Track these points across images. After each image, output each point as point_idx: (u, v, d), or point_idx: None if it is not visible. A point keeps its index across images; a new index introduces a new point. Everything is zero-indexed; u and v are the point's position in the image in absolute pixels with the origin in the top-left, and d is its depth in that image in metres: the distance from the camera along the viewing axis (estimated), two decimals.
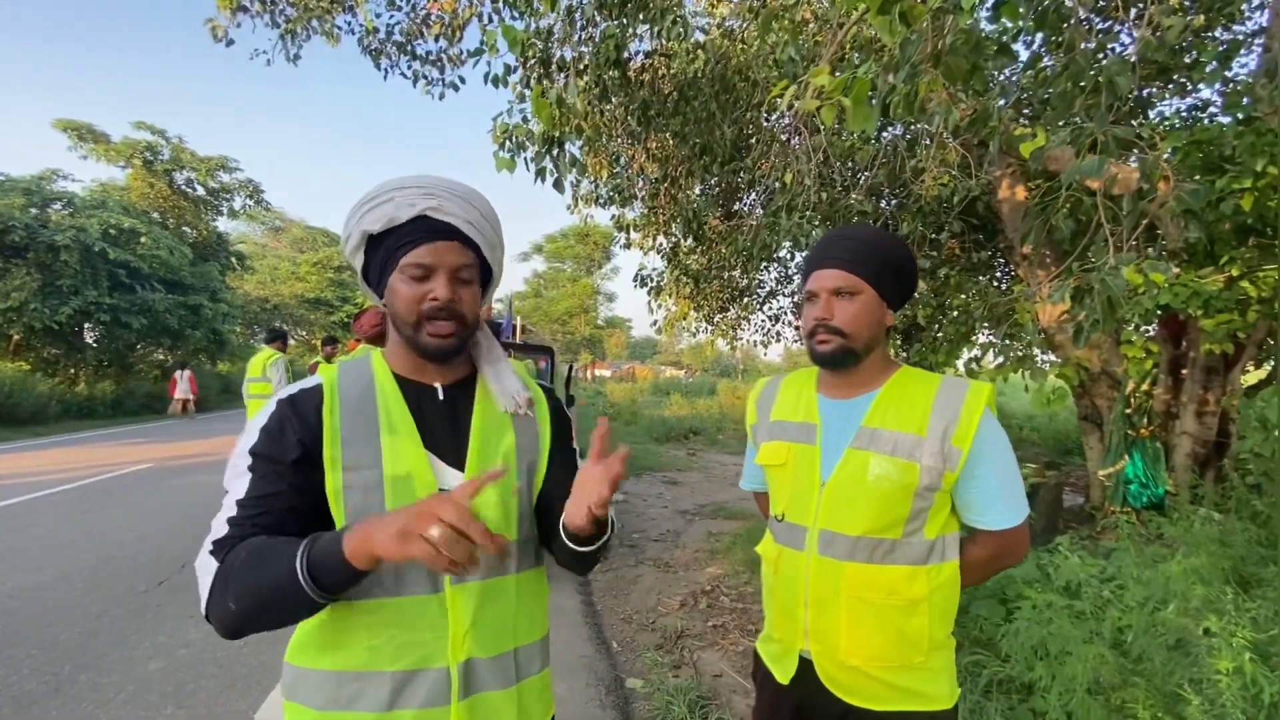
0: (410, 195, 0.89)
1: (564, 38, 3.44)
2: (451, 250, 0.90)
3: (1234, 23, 4.60)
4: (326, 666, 0.87)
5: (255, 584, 0.76)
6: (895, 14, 1.65)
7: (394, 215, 0.88)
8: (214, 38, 4.60)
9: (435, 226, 0.89)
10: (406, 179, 0.92)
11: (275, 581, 0.76)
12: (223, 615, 0.78)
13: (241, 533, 0.81)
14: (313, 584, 0.74)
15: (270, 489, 0.84)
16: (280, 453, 0.85)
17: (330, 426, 0.88)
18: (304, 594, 0.75)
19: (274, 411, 0.89)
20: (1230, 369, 3.78)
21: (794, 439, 1.27)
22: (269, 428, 0.87)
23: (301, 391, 0.92)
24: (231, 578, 0.77)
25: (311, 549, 0.76)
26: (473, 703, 0.90)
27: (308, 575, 0.74)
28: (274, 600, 0.77)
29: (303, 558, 0.75)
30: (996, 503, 1.14)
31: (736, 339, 8.92)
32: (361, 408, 0.91)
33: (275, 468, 0.85)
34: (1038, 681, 1.94)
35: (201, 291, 19.14)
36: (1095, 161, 1.76)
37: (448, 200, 0.90)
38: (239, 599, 0.77)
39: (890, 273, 1.20)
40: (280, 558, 0.76)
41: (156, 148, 19.32)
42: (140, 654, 3.06)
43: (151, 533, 5.12)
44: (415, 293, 0.89)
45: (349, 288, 31.20)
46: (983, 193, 4.49)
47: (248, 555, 0.78)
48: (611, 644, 3.28)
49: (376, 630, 0.87)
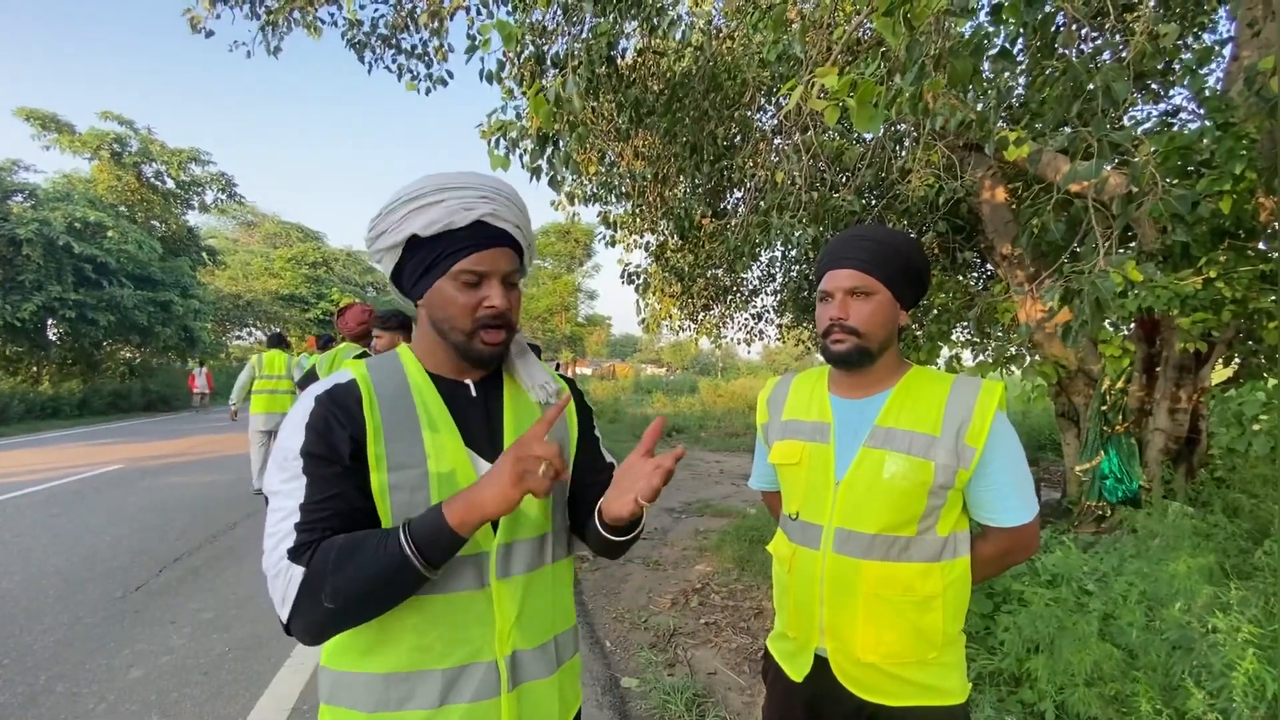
0: (465, 198, 0.87)
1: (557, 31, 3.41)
2: (504, 257, 0.90)
3: (1205, 30, 4.76)
4: (373, 669, 0.86)
5: (356, 576, 0.76)
6: (899, 16, 1.67)
7: (450, 220, 0.86)
8: (192, 28, 4.48)
9: (490, 232, 0.88)
10: (453, 177, 0.89)
11: (380, 567, 0.77)
12: (314, 618, 0.78)
13: (313, 537, 0.79)
14: (423, 560, 0.77)
15: (331, 490, 0.82)
16: (334, 452, 0.83)
17: (373, 423, 0.87)
18: (414, 570, 0.77)
19: (314, 409, 0.85)
20: (1201, 367, 3.90)
21: (808, 438, 1.28)
22: (314, 425, 0.84)
23: (337, 386, 0.88)
24: (326, 577, 0.76)
25: (411, 529, 0.78)
26: (520, 693, 0.91)
27: (416, 553, 0.76)
28: (378, 588, 0.78)
29: (406, 538, 0.77)
30: (1009, 500, 1.16)
31: (720, 337, 8.96)
32: (399, 404, 0.90)
33: (331, 469, 0.83)
34: (1031, 673, 1.98)
35: (172, 287, 18.64)
36: (1092, 165, 1.80)
37: (502, 205, 0.89)
38: (337, 596, 0.76)
39: (904, 273, 1.21)
40: (378, 546, 0.77)
41: (124, 139, 18.71)
42: (120, 662, 2.97)
43: (126, 535, 4.97)
44: (470, 300, 0.89)
45: (324, 284, 30.65)
46: (966, 194, 4.57)
47: (338, 554, 0.77)
48: (605, 643, 3.28)
49: (424, 629, 0.86)
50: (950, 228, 5.35)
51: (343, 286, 31.21)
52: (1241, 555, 2.40)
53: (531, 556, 0.94)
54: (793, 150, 4.12)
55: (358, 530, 0.82)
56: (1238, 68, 3.26)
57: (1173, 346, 3.78)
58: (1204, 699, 1.42)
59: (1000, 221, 4.53)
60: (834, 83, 1.54)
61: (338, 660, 0.89)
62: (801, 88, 1.64)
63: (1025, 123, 3.89)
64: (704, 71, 4.42)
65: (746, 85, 4.62)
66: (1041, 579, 2.48)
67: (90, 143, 18.13)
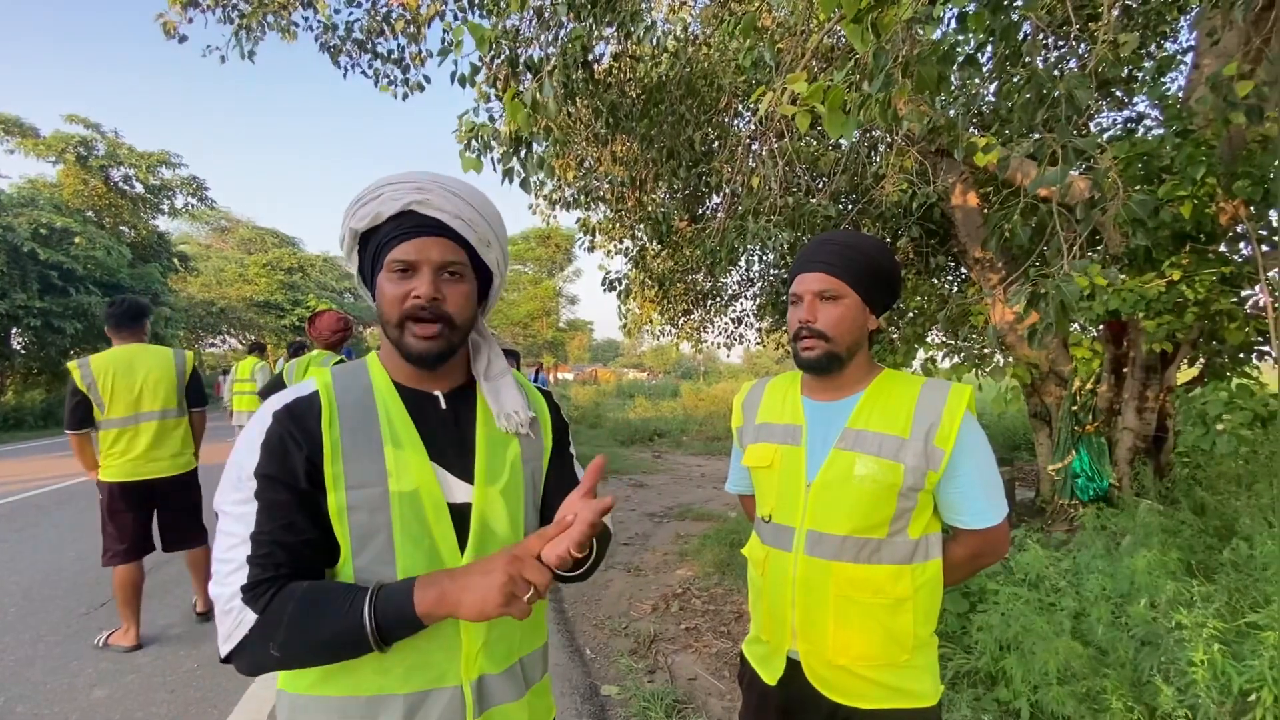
0: (399, 190, 0.85)
1: (532, 37, 3.41)
2: (437, 245, 0.86)
3: (1166, 40, 4.90)
4: (332, 693, 0.83)
5: (311, 635, 0.75)
6: (867, 23, 1.69)
7: (379, 211, 0.85)
8: (165, 33, 4.38)
9: (421, 221, 0.85)
10: (400, 175, 0.87)
11: (336, 633, 0.75)
12: (257, 661, 0.76)
13: (266, 574, 0.77)
14: (380, 640, 0.75)
15: (284, 520, 0.79)
16: (290, 476, 0.80)
17: (330, 440, 0.83)
18: (367, 647, 0.75)
19: (271, 426, 0.83)
20: (1167, 367, 4.00)
21: (780, 441, 1.28)
22: (269, 444, 0.81)
23: (297, 400, 0.86)
24: (279, 628, 0.75)
25: (378, 603, 0.76)
26: (487, 718, 0.88)
27: (376, 632, 0.75)
28: (329, 650, 0.77)
29: (370, 613, 0.75)
30: (977, 502, 1.17)
31: (701, 341, 9.00)
32: (361, 418, 0.86)
33: (285, 495, 0.80)
34: (1005, 672, 2.00)
35: (141, 294, 18.22)
36: (1057, 171, 1.84)
37: (436, 194, 0.85)
38: (287, 647, 0.75)
39: (873, 278, 1.22)
40: (339, 610, 0.75)
41: (90, 142, 18.25)
42: (83, 681, 2.88)
43: (91, 551, 4.82)
44: (399, 291, 0.85)
45: (300, 290, 30.18)
46: (939, 199, 4.65)
47: (297, 607, 0.76)
48: (585, 651, 3.25)
49: (386, 653, 0.83)
50: (924, 232, 5.44)
51: (319, 292, 30.76)
52: (1208, 551, 2.46)
53: None
54: (769, 156, 4.15)
55: (309, 563, 0.80)
56: (1199, 76, 3.36)
57: (1139, 348, 3.87)
58: (1173, 695, 1.45)
59: (972, 226, 4.60)
60: (804, 89, 1.56)
61: (295, 683, 0.86)
62: (772, 94, 1.65)
63: (995, 129, 3.97)
64: (680, 77, 4.44)
65: (723, 91, 4.65)
66: (1015, 578, 2.52)
67: (55, 146, 17.66)
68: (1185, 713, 1.45)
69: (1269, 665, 1.38)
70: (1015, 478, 6.70)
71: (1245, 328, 3.32)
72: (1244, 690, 1.40)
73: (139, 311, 3.27)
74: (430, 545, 0.85)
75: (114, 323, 3.23)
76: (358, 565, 0.83)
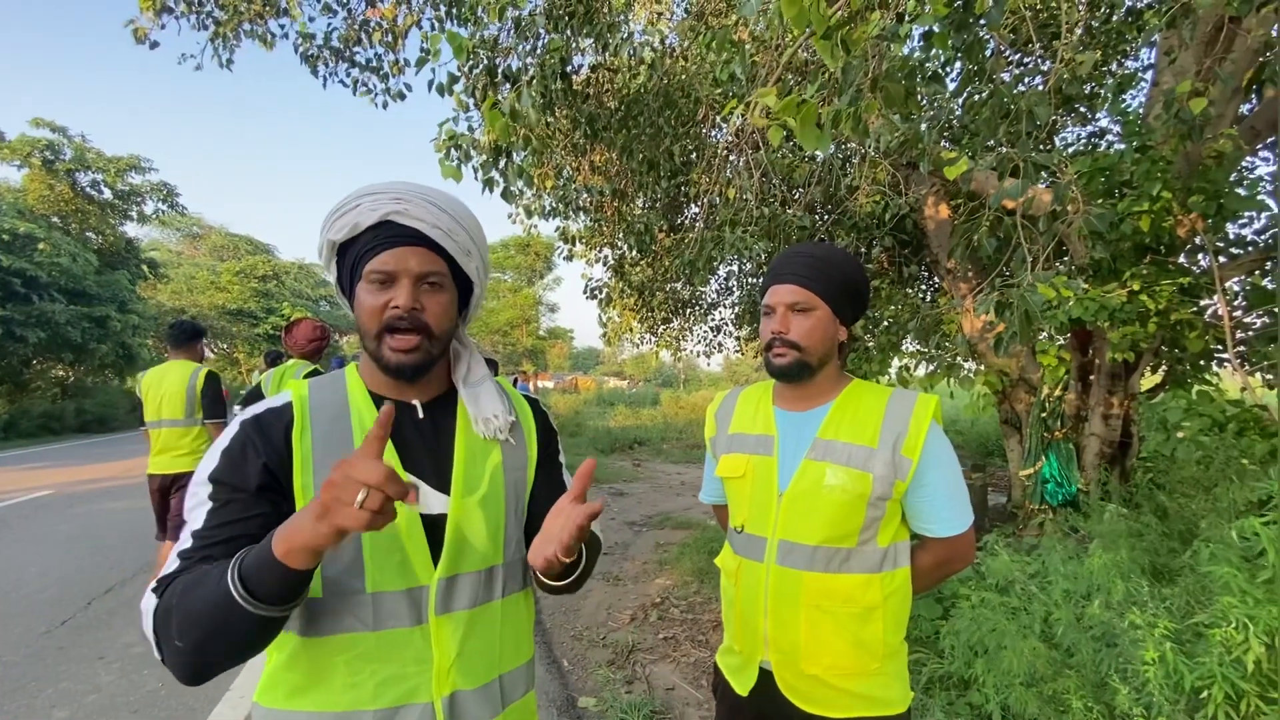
0: (377, 200, 0.85)
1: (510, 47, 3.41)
2: (415, 255, 0.85)
3: (1127, 58, 5.07)
4: (301, 708, 0.82)
5: (193, 611, 0.69)
6: (837, 40, 1.73)
7: (357, 221, 0.84)
8: (136, 39, 4.30)
9: (400, 231, 0.85)
10: (378, 185, 0.87)
11: (211, 602, 0.68)
12: (175, 656, 0.72)
13: (188, 567, 0.75)
14: (248, 595, 0.67)
15: (229, 518, 0.78)
16: (242, 479, 0.80)
17: (301, 452, 0.83)
18: (241, 608, 0.67)
19: (236, 433, 0.83)
20: (1131, 375, 4.11)
21: (752, 451, 1.29)
22: (230, 450, 0.81)
23: (268, 411, 0.85)
24: (172, 613, 0.71)
25: (243, 560, 0.70)
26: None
27: (240, 587, 0.67)
28: (215, 625, 0.69)
29: (233, 570, 0.69)
30: (944, 510, 1.19)
31: (680, 350, 9.03)
32: (335, 429, 0.86)
33: (237, 496, 0.79)
34: (976, 677, 2.04)
35: (108, 302, 17.75)
36: (1018, 185, 1.90)
37: (415, 204, 0.85)
38: (183, 633, 0.70)
39: (843, 290, 1.24)
40: (212, 578, 0.70)
41: (57, 146, 17.79)
42: (42, 702, 2.78)
43: (53, 567, 4.68)
44: (377, 301, 0.85)
45: (274, 298, 29.67)
46: (911, 210, 4.74)
47: (184, 586, 0.72)
48: (562, 663, 3.23)
49: (356, 667, 0.82)
50: (897, 242, 5.54)
51: (294, 300, 30.26)
52: (1170, 554, 2.53)
53: (477, 591, 0.89)
54: (745, 167, 4.21)
55: None
56: (1157, 93, 3.48)
57: (1104, 356, 3.97)
58: (1129, 694, 1.49)
59: (943, 236, 4.71)
60: (775, 103, 1.59)
61: (269, 697, 0.85)
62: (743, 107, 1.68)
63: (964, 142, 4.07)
64: (658, 89, 4.48)
65: (700, 103, 4.70)
66: (986, 583, 2.56)
67: (20, 150, 17.18)
68: (1141, 711, 1.49)
69: (1218, 663, 1.42)
70: (988, 483, 6.82)
71: (1204, 336, 3.43)
72: (1196, 688, 1.44)
73: (192, 333, 3.90)
74: (401, 558, 0.84)
75: (170, 342, 3.88)
76: (326, 577, 0.82)
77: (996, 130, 2.06)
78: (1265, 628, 1.45)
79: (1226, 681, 1.41)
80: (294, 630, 0.83)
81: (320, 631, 0.82)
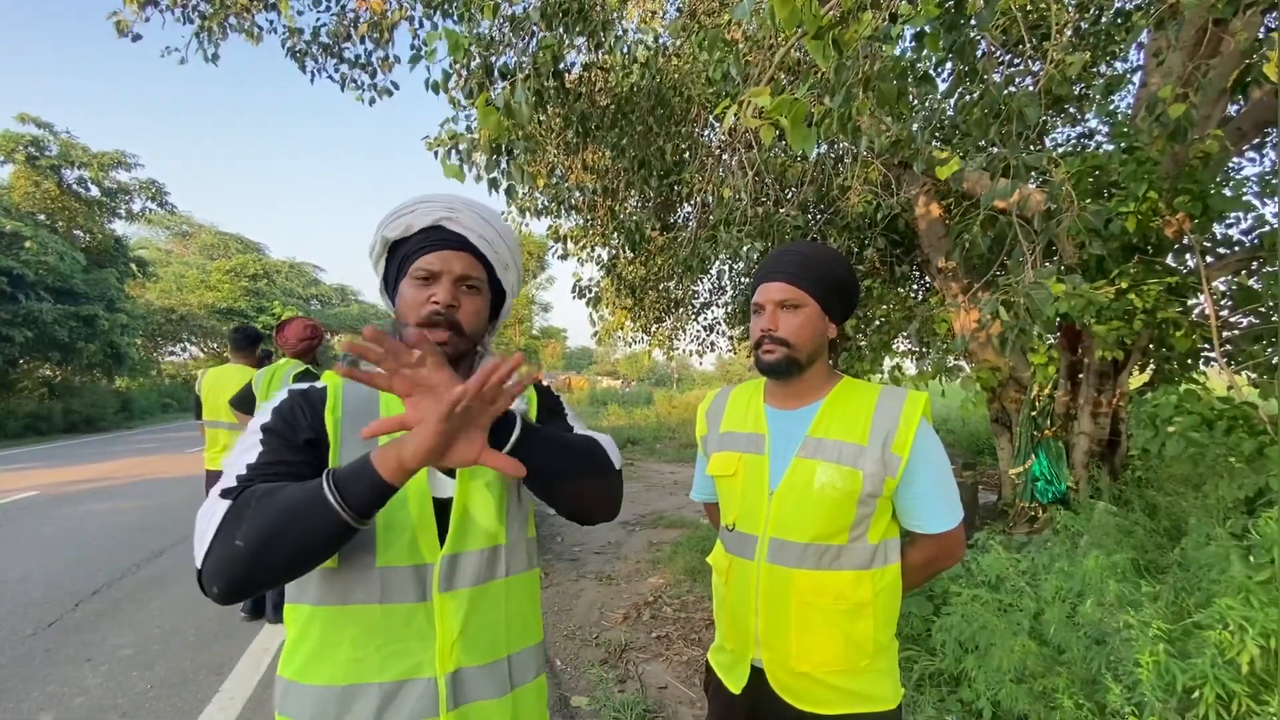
0: (431, 207, 0.95)
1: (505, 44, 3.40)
2: (459, 259, 0.94)
3: (1116, 60, 5.11)
4: (313, 680, 0.87)
5: (276, 508, 0.74)
6: (829, 40, 1.73)
7: (410, 223, 0.94)
8: (118, 32, 4.26)
9: (448, 236, 0.94)
10: (435, 195, 0.97)
11: (300, 499, 0.73)
12: (225, 560, 0.73)
13: (250, 481, 0.80)
14: (339, 498, 0.72)
15: (282, 457, 0.84)
16: (293, 432, 0.87)
17: (332, 428, 0.90)
18: (328, 509, 0.72)
19: (285, 399, 0.91)
20: (1119, 373, 4.15)
21: (743, 449, 1.30)
22: (281, 409, 0.89)
23: (312, 389, 0.94)
24: (248, 508, 0.75)
25: (336, 469, 0.75)
26: (463, 713, 0.88)
27: (334, 490, 0.72)
28: (293, 523, 0.73)
29: (328, 475, 0.74)
30: (933, 507, 1.20)
31: (673, 349, 9.04)
32: (362, 413, 0.92)
33: (288, 442, 0.86)
34: (967, 673, 2.05)
35: (96, 301, 17.55)
36: (1008, 185, 1.91)
37: (465, 214, 0.95)
38: (253, 531, 0.73)
39: (832, 288, 1.25)
40: (299, 486, 0.75)
41: (42, 142, 17.57)
42: (28, 706, 2.75)
43: (37, 569, 4.62)
44: (419, 296, 0.92)
45: (264, 297, 29.47)
46: (903, 210, 4.76)
47: (265, 490, 0.77)
48: (555, 662, 3.23)
49: (361, 641, 0.86)
50: (889, 242, 5.56)
51: (285, 299, 30.08)
52: (1159, 551, 2.55)
53: (480, 569, 0.92)
54: (738, 166, 4.21)
55: None
56: (1145, 94, 3.51)
57: (1093, 354, 4.01)
58: (1121, 693, 1.50)
59: (935, 236, 4.73)
60: (767, 102, 1.59)
61: (287, 668, 0.90)
62: (735, 106, 1.68)
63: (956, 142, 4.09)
64: (650, 88, 4.48)
65: (692, 102, 4.70)
66: (977, 580, 2.58)
67: (4, 146, 16.95)
68: (1132, 710, 1.50)
69: (1210, 664, 1.44)
70: (979, 481, 6.86)
71: (1191, 335, 3.47)
72: (1187, 688, 1.45)
73: (251, 338, 4.13)
74: (411, 537, 0.88)
75: (232, 346, 4.13)
76: (342, 549, 0.84)
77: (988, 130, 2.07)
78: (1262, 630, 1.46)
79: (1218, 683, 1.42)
80: (309, 601, 0.88)
81: (331, 601, 0.87)
